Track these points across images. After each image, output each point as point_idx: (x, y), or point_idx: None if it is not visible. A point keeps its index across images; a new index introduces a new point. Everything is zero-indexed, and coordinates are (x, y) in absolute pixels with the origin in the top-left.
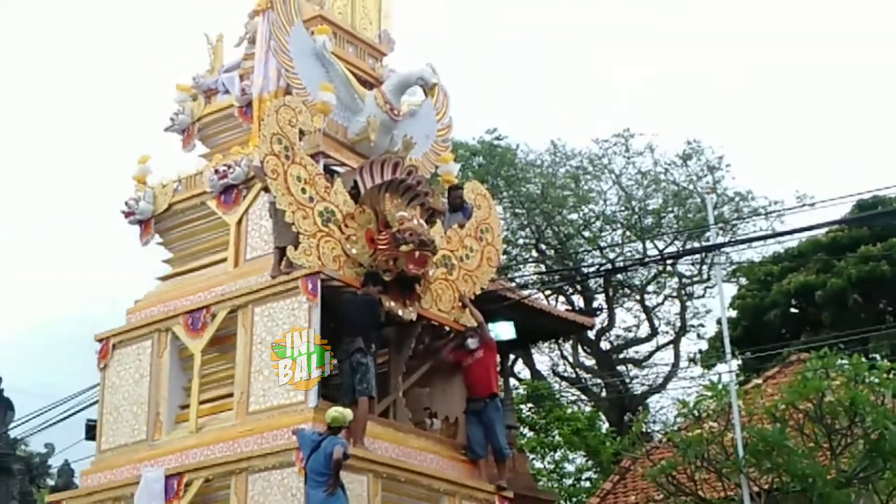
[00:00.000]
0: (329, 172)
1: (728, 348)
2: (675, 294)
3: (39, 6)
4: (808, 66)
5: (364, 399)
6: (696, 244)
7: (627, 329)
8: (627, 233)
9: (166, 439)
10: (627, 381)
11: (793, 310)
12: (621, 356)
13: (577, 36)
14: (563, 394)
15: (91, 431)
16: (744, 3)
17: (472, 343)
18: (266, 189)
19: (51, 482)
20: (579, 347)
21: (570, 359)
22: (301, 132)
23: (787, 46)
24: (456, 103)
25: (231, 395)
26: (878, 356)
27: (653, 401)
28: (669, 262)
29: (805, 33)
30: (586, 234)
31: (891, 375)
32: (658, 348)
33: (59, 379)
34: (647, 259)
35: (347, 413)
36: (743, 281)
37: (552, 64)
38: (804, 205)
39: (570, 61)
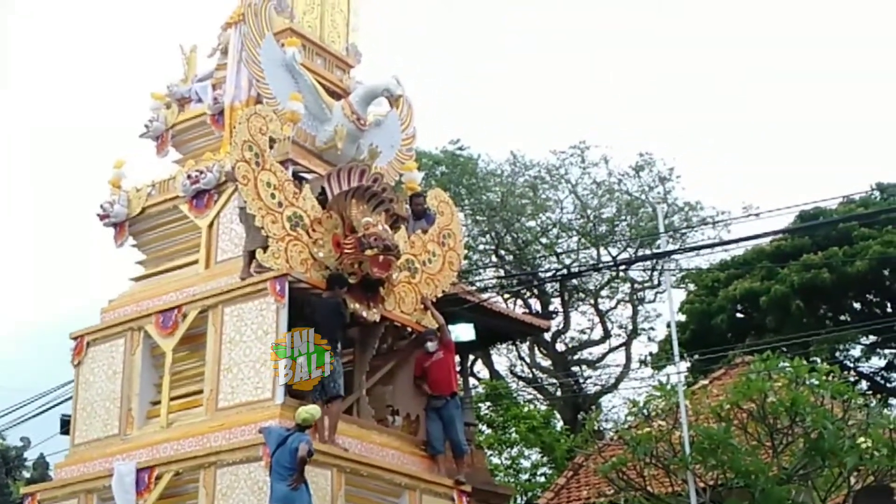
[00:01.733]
0: (297, 179)
1: (676, 351)
2: (627, 299)
3: (23, 12)
4: (756, 78)
5: (338, 401)
6: (648, 251)
7: (582, 331)
8: (582, 240)
9: (138, 434)
10: (581, 381)
11: (738, 315)
12: (576, 357)
13: (539, 49)
14: (519, 393)
15: (65, 426)
16: (687, 16)
17: (430, 346)
18: None
19: (26, 474)
20: (536, 349)
21: (527, 359)
22: (271, 140)
23: (735, 58)
24: (420, 114)
25: (201, 391)
26: (818, 359)
27: (605, 400)
28: (622, 268)
29: (752, 42)
30: (543, 240)
31: (830, 378)
32: (610, 350)
33: (37, 376)
34: (600, 265)
35: (317, 412)
36: (691, 287)
37: (515, 75)
38: (749, 215)
39: (531, 74)
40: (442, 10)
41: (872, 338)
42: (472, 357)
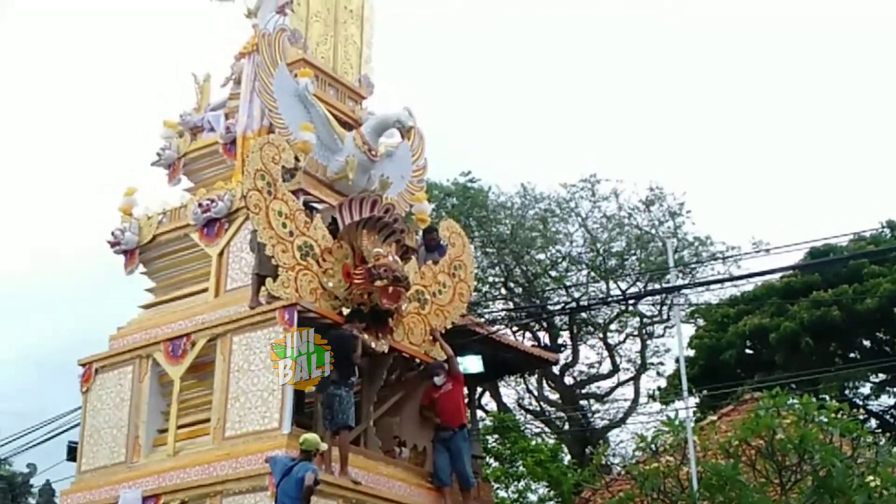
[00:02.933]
0: (308, 208)
1: (685, 386)
2: (636, 333)
3: (32, 39)
4: (769, 120)
5: (345, 432)
6: (657, 286)
7: (590, 365)
8: (592, 273)
9: (144, 462)
10: (589, 415)
11: (747, 351)
12: (584, 391)
13: (550, 83)
14: (527, 426)
15: (72, 453)
16: (699, 55)
17: (438, 381)
18: None
19: (32, 501)
20: (544, 382)
21: (535, 392)
22: (286, 169)
23: (750, 99)
24: (431, 145)
25: (208, 420)
26: (827, 397)
27: (613, 434)
28: (631, 302)
29: (767, 86)
30: (553, 273)
31: (839, 415)
32: (619, 384)
33: (44, 402)
34: (610, 299)
35: (321, 442)
36: (701, 322)
37: (524, 107)
38: (760, 251)
39: (543, 106)
40: (451, 42)
41: (882, 376)
42: (480, 389)
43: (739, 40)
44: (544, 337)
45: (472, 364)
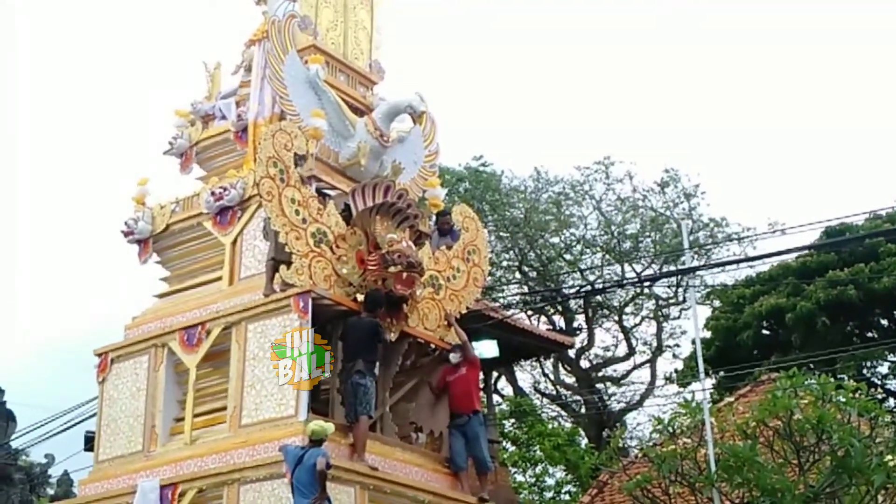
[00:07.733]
0: (321, 195)
1: (702, 368)
2: (651, 315)
3: (43, 36)
4: (783, 99)
5: (364, 418)
6: (672, 268)
7: (606, 348)
8: (607, 256)
9: (161, 451)
10: (606, 398)
11: (764, 331)
12: (600, 374)
13: (563, 65)
14: (544, 410)
15: (89, 443)
16: (714, 38)
17: (453, 357)
18: None
19: (50, 491)
20: (560, 365)
21: (551, 376)
22: (297, 156)
23: (764, 78)
24: (443, 130)
25: (224, 408)
26: (844, 376)
27: (630, 417)
28: (647, 284)
29: (782, 66)
30: (567, 256)
31: (856, 395)
32: (635, 367)
33: (62, 393)
34: (625, 281)
35: (328, 427)
36: (716, 303)
37: (537, 90)
38: (775, 231)
39: (555, 88)
40: (463, 25)
41: None
42: (495, 374)
43: (753, 21)
44: (559, 321)
45: (487, 349)
